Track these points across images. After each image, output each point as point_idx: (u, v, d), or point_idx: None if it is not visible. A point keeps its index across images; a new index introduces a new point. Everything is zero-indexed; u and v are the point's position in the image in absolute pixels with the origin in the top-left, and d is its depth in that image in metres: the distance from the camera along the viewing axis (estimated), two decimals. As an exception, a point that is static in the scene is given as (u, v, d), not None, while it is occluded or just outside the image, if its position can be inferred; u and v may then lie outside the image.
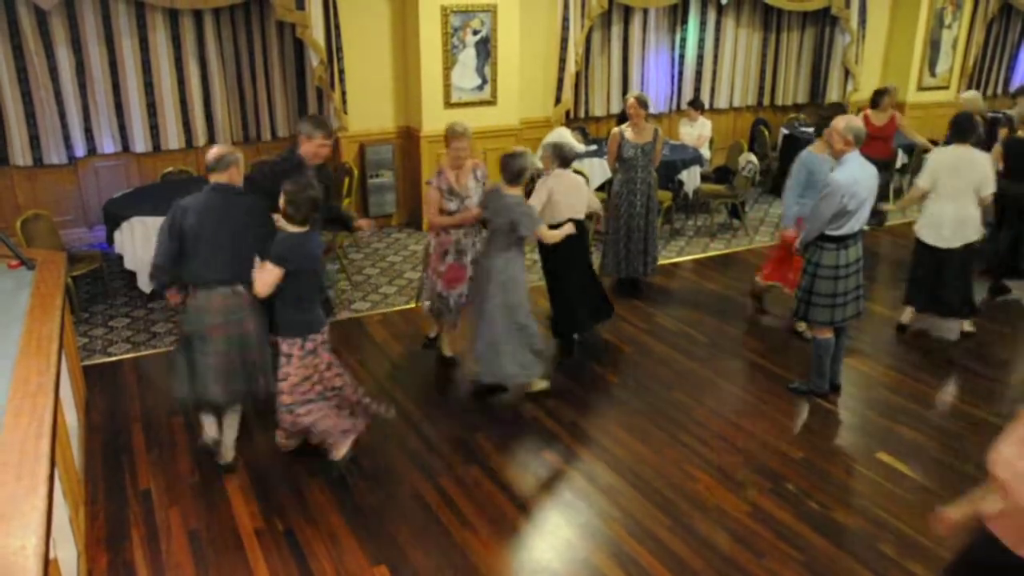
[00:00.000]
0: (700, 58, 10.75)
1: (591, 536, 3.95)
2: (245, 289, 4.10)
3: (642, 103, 6.47)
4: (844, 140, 4.75)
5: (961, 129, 5.76)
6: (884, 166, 7.82)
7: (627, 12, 9.92)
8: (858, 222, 4.87)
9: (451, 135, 5.16)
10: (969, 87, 12.62)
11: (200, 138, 8.19)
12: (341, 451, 4.30)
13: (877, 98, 8.39)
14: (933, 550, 3.84)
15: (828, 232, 4.87)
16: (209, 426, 4.39)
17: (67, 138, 7.60)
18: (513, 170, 4.84)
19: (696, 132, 9.29)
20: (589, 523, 4.05)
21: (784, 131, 10.40)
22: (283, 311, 4.07)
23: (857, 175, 4.74)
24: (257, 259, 4.09)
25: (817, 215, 4.84)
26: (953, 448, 4.74)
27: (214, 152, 4.17)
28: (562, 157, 5.50)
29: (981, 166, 5.69)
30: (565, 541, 3.93)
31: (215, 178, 4.14)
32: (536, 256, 6.21)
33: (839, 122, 4.78)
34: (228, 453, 4.41)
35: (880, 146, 8.10)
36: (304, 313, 4.08)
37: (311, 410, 4.18)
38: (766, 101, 11.42)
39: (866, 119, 8.08)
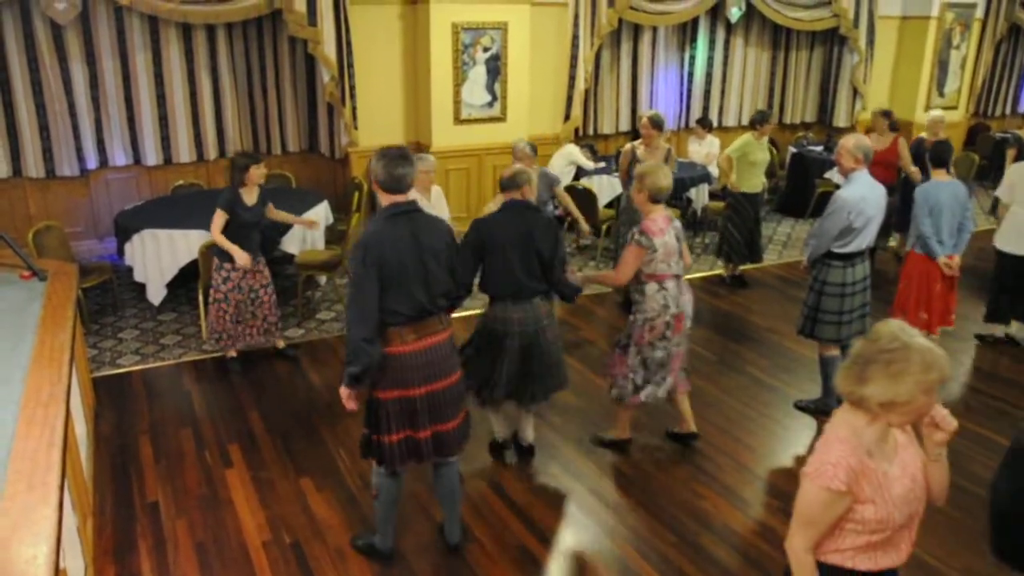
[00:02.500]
0: (709, 76, 10.80)
1: (598, 553, 3.94)
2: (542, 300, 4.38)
3: (655, 123, 6.47)
4: (854, 158, 4.77)
5: None
6: (888, 192, 7.57)
7: (636, 30, 9.99)
8: (864, 240, 4.88)
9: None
10: (977, 107, 12.66)
11: (211, 151, 8.26)
12: None
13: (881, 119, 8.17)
14: (942, 570, 3.82)
15: (834, 249, 4.89)
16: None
17: (79, 150, 7.68)
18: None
19: (704, 150, 9.32)
20: (596, 540, 4.04)
21: (792, 149, 10.43)
22: None
23: (865, 193, 4.76)
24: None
25: (822, 232, 4.86)
26: (962, 468, 4.72)
27: (510, 171, 4.34)
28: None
29: None
30: (572, 558, 3.93)
31: (510, 195, 4.30)
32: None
33: (848, 140, 4.82)
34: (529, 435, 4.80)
35: (879, 172, 7.73)
36: None
37: None
38: (774, 120, 11.46)
39: None
